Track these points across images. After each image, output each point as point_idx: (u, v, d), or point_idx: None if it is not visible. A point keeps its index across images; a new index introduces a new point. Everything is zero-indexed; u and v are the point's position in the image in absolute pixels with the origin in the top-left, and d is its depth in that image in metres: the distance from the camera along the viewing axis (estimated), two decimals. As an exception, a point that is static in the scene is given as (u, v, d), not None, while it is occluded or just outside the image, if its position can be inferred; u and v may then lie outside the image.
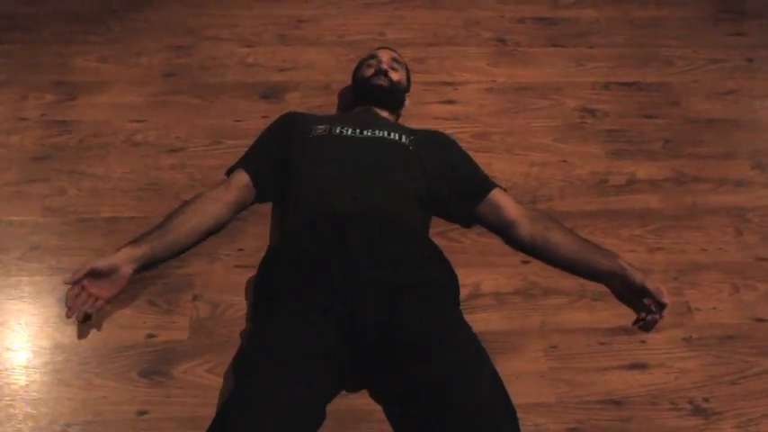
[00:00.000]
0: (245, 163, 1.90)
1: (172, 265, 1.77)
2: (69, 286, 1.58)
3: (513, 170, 2.11)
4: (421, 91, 2.37)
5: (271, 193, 1.91)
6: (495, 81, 2.44)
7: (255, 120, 2.18)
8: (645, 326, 1.72)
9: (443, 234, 1.88)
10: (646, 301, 1.71)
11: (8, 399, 1.51)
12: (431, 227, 1.85)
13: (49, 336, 1.62)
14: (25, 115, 2.18)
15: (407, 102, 2.17)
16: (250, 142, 2.00)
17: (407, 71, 2.22)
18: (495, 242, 1.90)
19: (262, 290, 1.62)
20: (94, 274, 1.59)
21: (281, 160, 1.88)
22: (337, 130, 1.86)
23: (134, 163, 2.04)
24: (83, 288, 1.59)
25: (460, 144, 2.03)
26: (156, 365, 1.58)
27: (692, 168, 2.16)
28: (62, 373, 1.56)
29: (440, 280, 1.61)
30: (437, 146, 1.95)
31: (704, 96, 2.44)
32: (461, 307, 1.66)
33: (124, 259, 1.63)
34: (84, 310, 1.59)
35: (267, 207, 1.93)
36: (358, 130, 1.86)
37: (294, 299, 1.50)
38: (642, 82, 2.47)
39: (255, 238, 1.86)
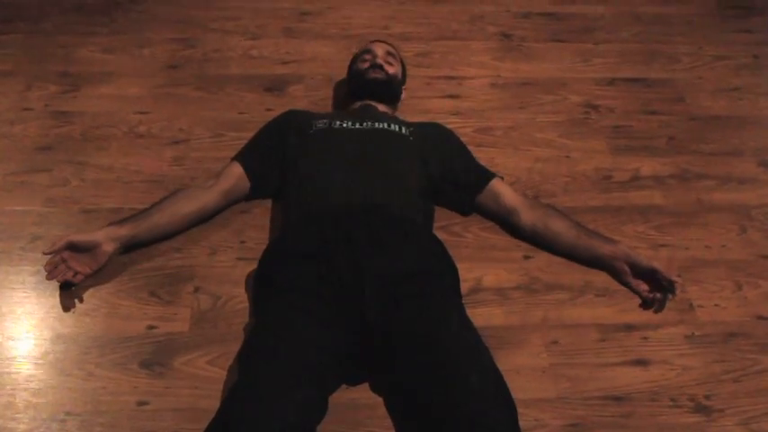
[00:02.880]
0: (240, 156, 1.89)
1: (173, 256, 1.77)
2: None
3: (517, 165, 2.10)
4: (424, 85, 2.36)
5: (265, 188, 1.90)
6: (499, 76, 2.43)
7: (259, 112, 2.18)
8: (660, 305, 1.74)
9: (445, 228, 1.87)
10: (660, 277, 1.71)
11: (9, 388, 1.51)
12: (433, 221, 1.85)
13: (50, 326, 1.63)
14: (29, 105, 2.18)
15: (404, 95, 2.16)
16: (253, 135, 1.99)
17: (402, 65, 2.20)
18: (497, 237, 1.89)
19: (264, 283, 1.61)
20: (74, 248, 1.63)
21: (277, 156, 1.88)
22: (337, 124, 1.86)
23: (137, 154, 2.04)
24: (63, 260, 1.62)
25: (461, 138, 2.03)
26: (156, 357, 1.58)
27: (697, 165, 2.15)
28: (63, 363, 1.56)
29: (439, 271, 1.60)
30: (437, 137, 1.96)
31: (709, 93, 2.43)
32: (463, 301, 1.65)
33: (105, 237, 1.65)
34: (63, 279, 1.63)
35: (269, 200, 1.93)
36: (358, 123, 1.87)
37: (297, 291, 1.50)
38: (647, 78, 2.46)
39: (258, 230, 1.85)
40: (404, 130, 1.89)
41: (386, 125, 1.88)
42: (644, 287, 1.76)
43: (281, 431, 1.26)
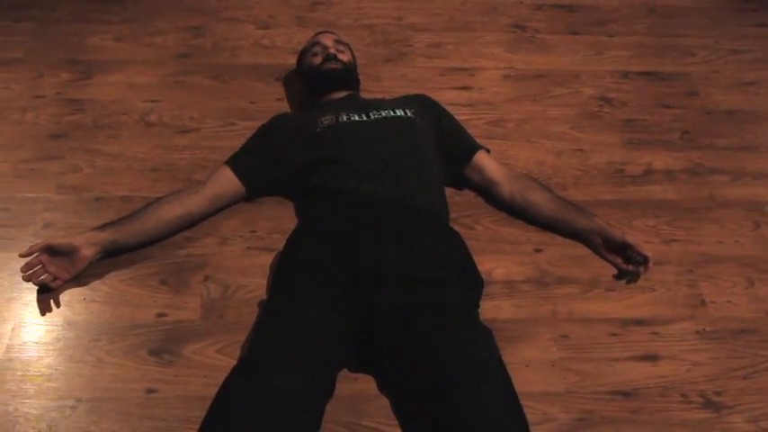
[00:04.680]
0: (231, 161, 1.85)
1: (184, 245, 1.77)
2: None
3: (529, 158, 2.09)
4: (437, 77, 2.35)
5: (259, 190, 1.87)
6: (512, 68, 2.42)
7: (270, 102, 2.18)
8: (632, 277, 1.79)
9: (456, 220, 1.86)
10: (631, 252, 1.76)
11: (20, 374, 1.52)
12: (443, 213, 1.85)
13: (60, 312, 1.63)
14: (41, 93, 2.18)
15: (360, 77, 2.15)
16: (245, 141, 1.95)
17: (351, 49, 2.17)
18: (507, 229, 1.88)
19: (288, 260, 1.61)
20: (52, 252, 1.61)
21: (274, 159, 1.85)
22: (344, 118, 1.85)
23: (147, 143, 2.05)
24: (41, 263, 1.60)
25: (471, 131, 2.03)
26: (166, 345, 1.58)
27: (710, 160, 2.14)
28: (73, 350, 1.57)
29: (459, 281, 1.58)
30: (428, 111, 1.97)
31: (724, 87, 2.40)
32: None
33: (84, 242, 1.63)
34: (40, 282, 1.62)
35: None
36: (364, 115, 1.86)
37: (315, 267, 1.52)
38: (661, 72, 2.44)
39: (268, 220, 1.85)
40: (408, 112, 1.90)
41: (391, 112, 1.88)
42: (619, 260, 1.80)
43: (287, 404, 1.27)
